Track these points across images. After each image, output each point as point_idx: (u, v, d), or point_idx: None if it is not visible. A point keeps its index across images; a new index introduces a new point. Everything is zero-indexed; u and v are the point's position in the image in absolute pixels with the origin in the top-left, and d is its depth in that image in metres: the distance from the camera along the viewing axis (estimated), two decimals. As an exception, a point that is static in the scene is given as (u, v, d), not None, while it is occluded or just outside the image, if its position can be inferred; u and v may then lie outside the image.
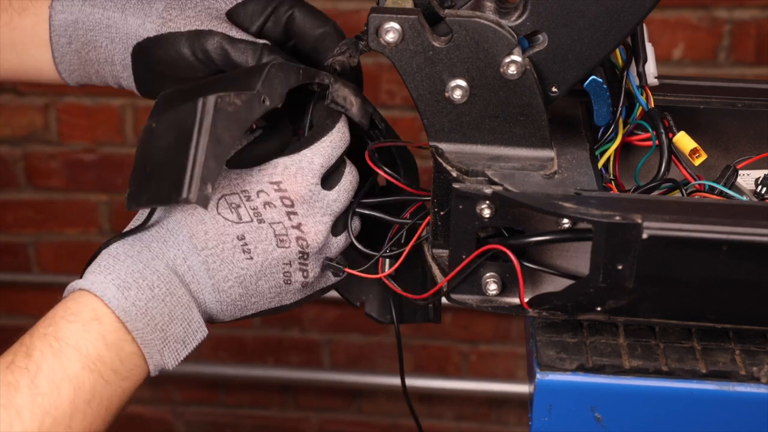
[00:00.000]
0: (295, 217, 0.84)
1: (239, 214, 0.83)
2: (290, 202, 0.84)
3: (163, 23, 0.92)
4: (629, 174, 0.94)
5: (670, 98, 0.96)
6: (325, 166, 0.86)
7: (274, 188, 0.84)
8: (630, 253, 0.77)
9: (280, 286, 0.86)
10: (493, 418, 2.26)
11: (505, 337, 2.19)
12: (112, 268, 0.80)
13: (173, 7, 0.93)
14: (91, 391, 0.77)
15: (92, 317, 0.79)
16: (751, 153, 0.94)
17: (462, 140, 0.87)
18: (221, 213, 0.83)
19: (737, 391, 0.80)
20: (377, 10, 0.83)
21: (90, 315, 0.79)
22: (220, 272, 0.83)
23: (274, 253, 0.84)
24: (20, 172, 2.10)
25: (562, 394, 0.81)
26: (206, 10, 0.93)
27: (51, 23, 0.95)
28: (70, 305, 0.80)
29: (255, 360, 2.22)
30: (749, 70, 1.90)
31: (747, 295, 0.80)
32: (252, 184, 0.84)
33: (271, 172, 0.84)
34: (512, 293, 0.85)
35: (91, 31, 0.95)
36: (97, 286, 0.80)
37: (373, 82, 1.96)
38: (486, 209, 0.82)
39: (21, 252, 2.17)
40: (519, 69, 0.83)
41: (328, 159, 0.86)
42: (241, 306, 0.86)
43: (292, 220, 0.84)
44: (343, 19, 1.91)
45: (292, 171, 0.84)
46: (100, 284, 0.80)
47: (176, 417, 2.31)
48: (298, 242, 0.85)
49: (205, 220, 0.83)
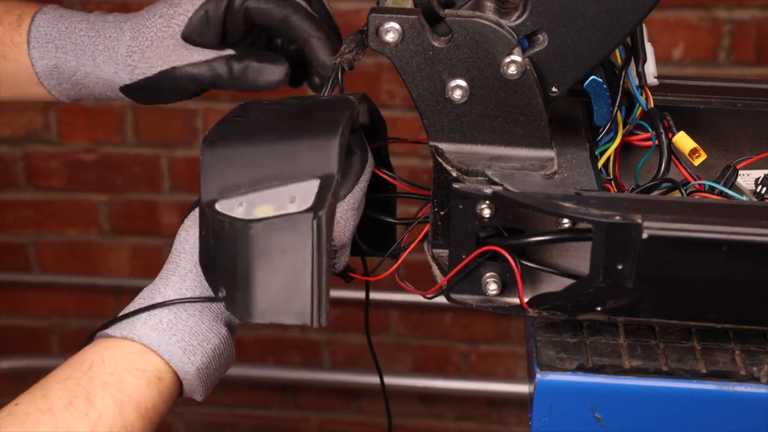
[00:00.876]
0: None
1: None
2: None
3: (131, 71, 0.97)
4: (629, 174, 0.94)
5: (670, 98, 0.96)
6: (356, 207, 0.86)
7: None
8: (630, 253, 0.77)
9: None
10: (493, 418, 2.26)
11: (505, 337, 2.19)
12: (176, 328, 0.80)
13: (134, 50, 0.97)
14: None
15: (156, 376, 0.80)
16: (751, 153, 0.94)
17: (462, 140, 0.87)
18: None
19: (737, 391, 0.80)
20: (377, 10, 0.83)
21: (154, 374, 0.80)
22: None
23: None
24: (20, 172, 2.10)
25: (562, 394, 0.81)
26: (162, 44, 0.96)
27: (35, 70, 0.99)
28: (136, 362, 0.79)
29: (255, 360, 2.22)
30: (749, 70, 1.90)
31: (747, 295, 0.80)
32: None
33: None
34: (512, 293, 0.85)
35: (75, 75, 0.99)
36: (164, 348, 0.80)
37: (373, 82, 1.96)
38: (486, 209, 0.82)
39: (21, 252, 2.17)
40: (519, 69, 0.83)
41: (360, 200, 0.86)
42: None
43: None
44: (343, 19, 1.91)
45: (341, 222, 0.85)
46: (167, 346, 0.80)
47: (176, 417, 2.31)
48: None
49: None
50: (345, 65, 0.89)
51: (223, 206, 0.78)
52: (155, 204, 2.12)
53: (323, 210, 0.76)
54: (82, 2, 1.88)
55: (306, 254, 0.75)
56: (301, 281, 0.76)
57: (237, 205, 0.78)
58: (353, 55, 0.89)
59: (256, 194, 0.78)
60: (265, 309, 0.77)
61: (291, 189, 0.78)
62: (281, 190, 0.78)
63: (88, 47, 0.98)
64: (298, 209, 0.76)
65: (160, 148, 2.06)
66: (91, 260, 2.16)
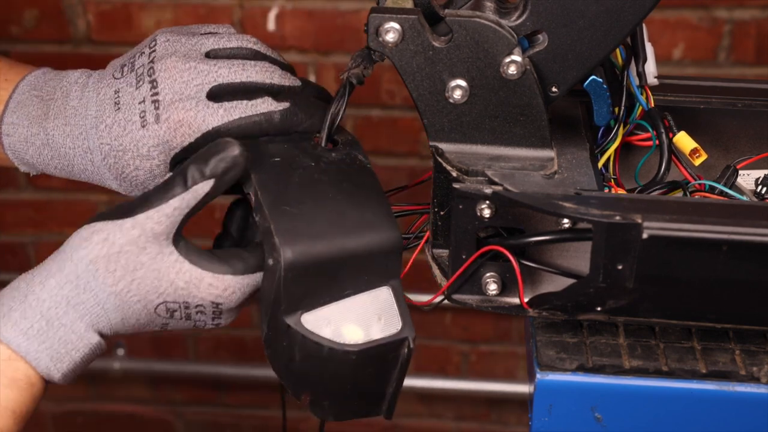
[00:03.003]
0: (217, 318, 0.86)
1: (173, 316, 0.85)
2: (220, 312, 0.85)
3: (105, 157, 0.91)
4: (629, 174, 0.94)
5: (670, 98, 0.96)
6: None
7: (213, 308, 0.84)
8: (630, 253, 0.77)
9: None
10: (493, 418, 2.26)
11: (505, 337, 2.19)
12: (46, 335, 0.81)
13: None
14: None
15: (27, 383, 0.82)
16: (751, 153, 0.94)
17: (462, 140, 0.87)
18: (158, 312, 0.84)
19: (737, 391, 0.80)
20: (377, 10, 0.83)
21: (25, 381, 0.82)
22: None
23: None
24: (20, 172, 2.10)
25: (562, 394, 0.81)
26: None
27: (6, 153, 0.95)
28: (5, 369, 0.81)
29: (255, 360, 2.22)
30: (749, 70, 1.90)
31: (747, 295, 0.80)
32: (197, 300, 0.84)
33: (217, 293, 0.84)
34: (512, 293, 0.85)
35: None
36: (32, 356, 0.81)
37: (373, 82, 1.96)
38: (486, 209, 0.82)
39: (21, 252, 2.17)
40: (519, 69, 0.83)
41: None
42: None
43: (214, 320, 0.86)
44: (343, 19, 1.91)
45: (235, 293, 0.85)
46: (35, 353, 0.81)
47: (176, 417, 2.31)
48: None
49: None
50: (354, 80, 0.88)
51: (310, 322, 0.82)
52: (155, 204, 2.12)
53: (412, 333, 0.83)
54: (81, 2, 1.88)
55: (394, 372, 0.84)
56: (386, 390, 0.85)
57: (324, 323, 0.82)
58: (361, 70, 0.88)
59: (337, 307, 0.83)
60: (351, 414, 0.88)
61: (369, 300, 0.84)
62: (360, 301, 0.83)
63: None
64: (388, 334, 0.83)
65: (160, 148, 2.06)
66: (91, 260, 2.16)
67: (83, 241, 0.82)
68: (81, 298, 0.81)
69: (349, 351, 0.82)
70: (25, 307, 0.81)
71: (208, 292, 0.83)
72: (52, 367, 0.81)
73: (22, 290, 0.82)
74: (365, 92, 0.91)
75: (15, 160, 0.94)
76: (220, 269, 0.82)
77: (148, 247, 0.81)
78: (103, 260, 0.81)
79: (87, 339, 0.82)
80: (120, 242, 0.81)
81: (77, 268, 0.81)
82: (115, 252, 0.81)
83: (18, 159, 0.94)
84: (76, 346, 0.82)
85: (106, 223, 0.82)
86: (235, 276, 0.83)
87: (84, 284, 0.81)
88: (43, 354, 0.81)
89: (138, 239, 0.81)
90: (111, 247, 0.81)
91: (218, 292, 0.83)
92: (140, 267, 0.81)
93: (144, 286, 0.82)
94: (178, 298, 0.83)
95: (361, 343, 0.82)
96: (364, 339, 0.82)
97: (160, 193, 0.82)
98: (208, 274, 0.82)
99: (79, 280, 0.81)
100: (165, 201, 0.81)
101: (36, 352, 0.81)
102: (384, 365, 0.84)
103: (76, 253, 0.82)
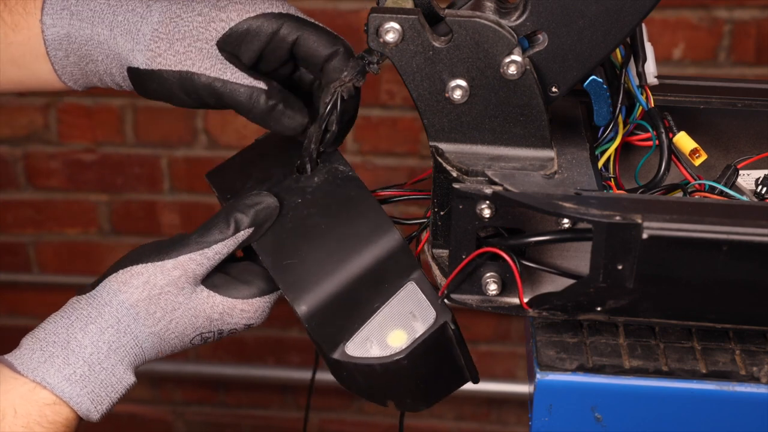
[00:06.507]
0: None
1: (207, 341, 0.90)
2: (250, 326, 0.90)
3: (152, 57, 0.90)
4: (629, 174, 0.94)
5: (670, 98, 0.96)
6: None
7: (245, 327, 0.89)
8: (630, 253, 0.77)
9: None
10: (493, 418, 2.26)
11: (505, 337, 2.19)
12: (88, 380, 0.84)
13: (161, 37, 0.89)
14: None
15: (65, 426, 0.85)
16: (751, 153, 0.94)
17: (462, 140, 0.87)
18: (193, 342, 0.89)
19: (737, 391, 0.80)
20: (377, 10, 0.83)
21: (64, 424, 0.85)
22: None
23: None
24: (20, 172, 2.10)
25: (562, 394, 0.81)
26: (195, 44, 0.89)
27: (44, 38, 0.93)
28: (48, 414, 0.84)
29: (255, 360, 2.22)
30: (749, 70, 1.90)
31: (747, 295, 0.80)
32: (231, 326, 0.89)
33: (249, 316, 0.89)
34: (512, 293, 0.85)
35: (85, 46, 0.92)
36: (75, 401, 0.84)
37: (373, 82, 1.96)
38: (486, 209, 0.82)
39: (21, 252, 2.17)
40: (519, 69, 0.83)
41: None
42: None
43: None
44: (343, 19, 1.91)
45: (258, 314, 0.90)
46: (78, 398, 0.84)
47: (176, 417, 2.31)
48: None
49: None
50: (344, 94, 0.89)
51: (355, 350, 0.86)
52: (155, 204, 2.12)
53: (448, 314, 0.86)
54: None
55: (454, 349, 0.88)
56: (458, 363, 0.89)
57: (368, 344, 0.86)
58: (353, 84, 0.89)
59: (372, 323, 0.87)
60: (438, 397, 0.91)
61: (398, 303, 0.87)
62: (390, 308, 0.87)
63: (107, 15, 0.91)
64: (427, 326, 0.86)
65: (160, 148, 2.06)
66: (91, 260, 2.16)
67: (122, 285, 0.85)
68: (121, 341, 0.85)
69: (398, 359, 0.85)
70: (68, 353, 0.84)
71: (241, 317, 0.88)
72: (92, 409, 0.84)
73: (61, 335, 0.85)
74: (365, 92, 0.91)
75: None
76: (248, 293, 0.87)
77: (186, 287, 0.85)
78: (144, 303, 0.85)
79: (126, 381, 0.86)
80: (161, 283, 0.85)
81: (118, 313, 0.85)
82: (156, 294, 0.85)
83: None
84: (116, 388, 0.85)
85: (146, 266, 0.85)
86: (263, 297, 0.88)
87: (125, 328, 0.85)
88: (84, 398, 0.84)
89: (178, 280, 0.85)
90: (152, 289, 0.85)
91: (250, 315, 0.88)
92: (178, 307, 0.85)
93: (182, 324, 0.86)
94: (213, 327, 0.88)
95: (405, 346, 0.86)
96: (408, 340, 0.86)
97: (202, 236, 0.86)
98: (238, 302, 0.87)
99: (120, 324, 0.85)
100: (208, 245, 0.85)
101: (78, 397, 0.84)
102: (440, 350, 0.87)
103: (116, 298, 0.85)
